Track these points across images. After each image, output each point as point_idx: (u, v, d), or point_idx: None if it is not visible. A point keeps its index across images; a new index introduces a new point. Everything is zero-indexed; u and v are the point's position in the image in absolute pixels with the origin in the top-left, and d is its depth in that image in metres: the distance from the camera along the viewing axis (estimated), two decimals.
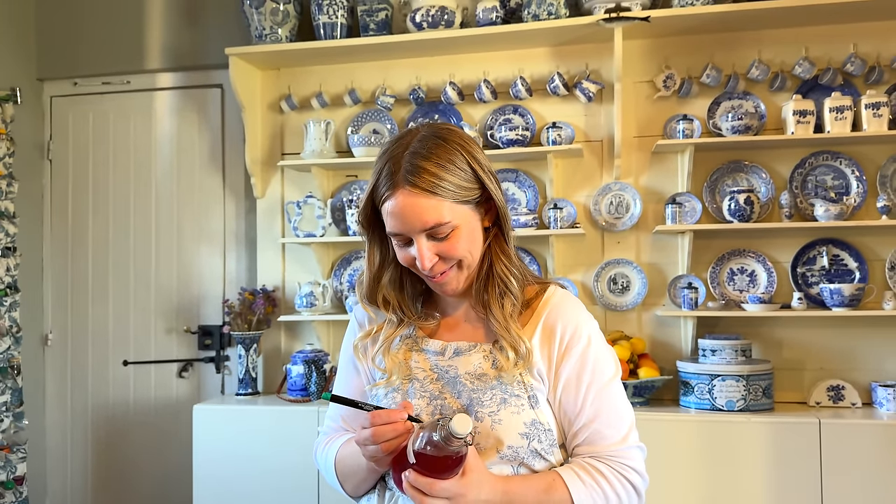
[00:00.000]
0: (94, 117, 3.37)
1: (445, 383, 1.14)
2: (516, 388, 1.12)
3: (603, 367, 1.15)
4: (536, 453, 1.11)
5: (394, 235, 1.14)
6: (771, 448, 2.40)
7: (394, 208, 1.10)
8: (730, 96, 2.78)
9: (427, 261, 1.11)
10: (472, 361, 1.15)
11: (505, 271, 1.16)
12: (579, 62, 2.88)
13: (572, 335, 1.15)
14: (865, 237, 2.69)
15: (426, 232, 1.10)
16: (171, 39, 3.28)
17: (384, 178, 1.12)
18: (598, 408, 1.13)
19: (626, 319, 2.84)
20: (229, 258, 3.25)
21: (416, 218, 1.09)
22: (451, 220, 1.10)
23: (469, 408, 1.11)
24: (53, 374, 3.36)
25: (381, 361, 1.19)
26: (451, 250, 1.12)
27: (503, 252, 1.17)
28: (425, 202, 1.09)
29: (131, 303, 3.30)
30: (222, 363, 3.23)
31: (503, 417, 1.09)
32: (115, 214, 3.33)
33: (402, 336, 1.21)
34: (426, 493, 1.00)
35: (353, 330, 1.29)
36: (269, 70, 3.14)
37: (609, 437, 1.12)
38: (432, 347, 1.18)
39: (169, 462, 3.19)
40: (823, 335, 2.70)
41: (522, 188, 2.92)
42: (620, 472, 1.12)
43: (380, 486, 1.17)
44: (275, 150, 3.14)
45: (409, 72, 3.01)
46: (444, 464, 1.00)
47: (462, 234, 1.12)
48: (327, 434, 1.30)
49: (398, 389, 1.16)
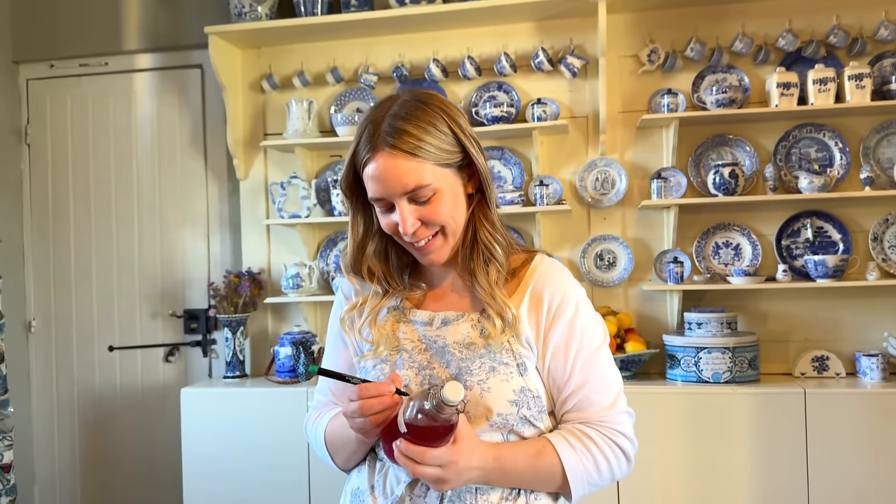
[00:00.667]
0: (72, 100, 3.31)
1: (434, 353, 1.14)
2: (505, 356, 1.12)
3: (591, 334, 1.15)
4: (526, 420, 1.11)
5: (375, 201, 1.12)
6: (757, 419, 2.43)
7: (374, 171, 1.09)
8: (714, 70, 2.77)
9: (409, 225, 1.09)
10: (459, 331, 1.14)
11: (489, 238, 1.15)
12: (563, 37, 2.86)
13: (560, 303, 1.14)
14: (849, 209, 2.71)
15: (407, 195, 1.09)
16: (150, 19, 3.22)
17: (364, 141, 1.11)
18: (587, 374, 1.13)
19: (612, 295, 2.85)
20: (213, 241, 3.22)
21: (397, 181, 1.08)
22: (433, 182, 1.09)
23: (458, 377, 1.10)
24: (38, 360, 3.33)
25: (367, 333, 1.18)
26: (433, 215, 1.11)
27: (487, 219, 1.17)
28: (406, 164, 1.08)
29: (115, 288, 3.27)
30: (209, 347, 3.22)
31: (492, 385, 1.09)
32: (96, 198, 3.29)
33: (389, 307, 1.20)
34: (418, 462, 1.00)
35: (339, 303, 1.27)
36: (250, 49, 3.10)
37: (598, 403, 1.13)
38: (420, 318, 1.18)
39: (157, 447, 3.18)
40: (808, 307, 2.72)
41: (508, 165, 2.91)
42: (610, 438, 1.12)
43: (370, 457, 1.17)
44: (257, 131, 3.11)
45: (392, 49, 2.98)
46: (436, 432, 1.00)
47: (444, 198, 1.11)
48: (317, 408, 1.29)
49: (386, 361, 1.16)
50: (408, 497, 1.09)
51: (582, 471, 1.10)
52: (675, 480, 2.46)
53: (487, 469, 1.06)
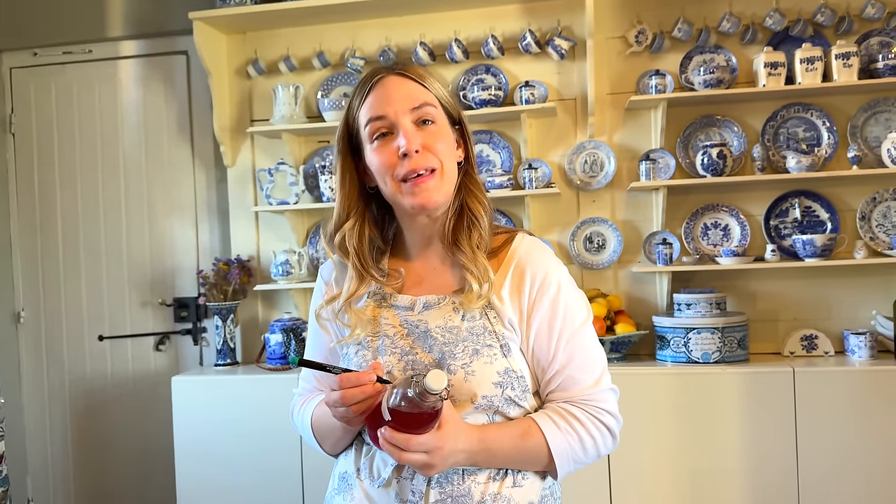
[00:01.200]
0: (57, 88, 3.28)
1: (416, 338, 1.13)
2: (488, 338, 1.11)
3: (574, 312, 1.14)
4: (511, 401, 1.11)
5: (375, 121, 1.11)
6: (746, 398, 2.44)
7: (380, 91, 1.12)
8: (701, 50, 2.77)
9: (412, 141, 1.09)
10: (442, 314, 1.13)
11: (476, 205, 1.16)
12: (551, 19, 2.85)
13: (542, 282, 1.14)
14: (837, 188, 2.71)
15: (413, 113, 1.10)
16: (134, 6, 3.19)
17: (365, 80, 1.14)
18: (571, 353, 1.12)
19: (602, 277, 2.86)
20: (202, 229, 3.21)
21: (406, 94, 1.11)
22: (437, 108, 1.13)
23: (441, 361, 1.10)
24: (28, 351, 3.31)
25: (345, 317, 1.17)
26: (434, 142, 1.11)
27: (475, 185, 1.18)
28: (414, 85, 1.12)
29: (104, 277, 3.26)
30: (199, 335, 3.21)
31: (476, 369, 1.09)
32: (83, 187, 3.26)
33: (369, 293, 1.19)
34: (403, 449, 0.99)
35: (319, 289, 1.26)
36: (235, 34, 3.07)
37: (582, 382, 1.12)
38: (401, 303, 1.17)
39: (149, 435, 3.17)
40: (796, 286, 2.73)
41: (496, 149, 2.90)
42: (595, 416, 1.12)
43: (357, 441, 1.16)
44: (244, 117, 3.08)
45: (378, 32, 2.96)
46: (420, 419, 0.99)
47: (444, 133, 1.14)
48: (302, 395, 1.29)
49: (368, 347, 1.14)
50: (395, 480, 1.08)
51: (567, 450, 1.10)
52: (666, 460, 2.48)
53: (473, 451, 1.06)
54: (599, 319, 2.65)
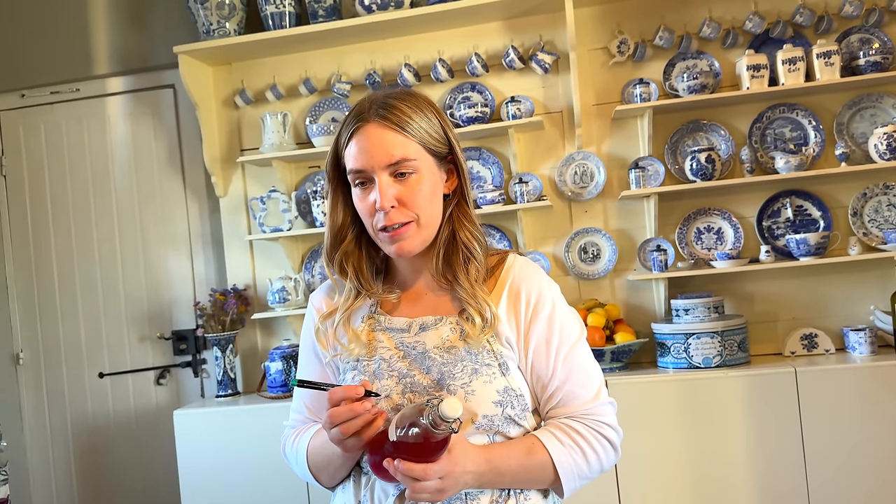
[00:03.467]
0: (46, 128, 3.29)
1: (413, 360, 1.13)
2: (486, 357, 1.11)
3: (569, 329, 1.16)
4: (510, 420, 1.11)
5: (356, 174, 1.12)
6: (750, 400, 2.44)
7: (360, 141, 1.10)
8: (684, 56, 2.79)
9: (386, 200, 1.08)
10: (439, 335, 1.13)
11: (469, 237, 1.16)
12: (533, 34, 2.87)
13: (537, 301, 1.15)
14: (827, 185, 2.73)
15: (390, 168, 1.09)
16: (118, 43, 3.21)
17: (352, 118, 1.13)
18: (569, 369, 1.14)
19: (599, 287, 2.86)
20: (197, 260, 3.21)
21: (383, 150, 1.09)
22: (417, 160, 1.11)
23: (440, 381, 1.10)
24: (29, 392, 3.30)
25: (342, 334, 1.17)
26: (411, 196, 1.10)
27: (466, 218, 1.17)
28: (394, 136, 1.09)
29: (102, 313, 3.25)
30: (199, 366, 3.20)
31: (476, 388, 1.09)
32: (76, 225, 3.27)
33: (363, 316, 1.19)
34: (419, 479, 0.98)
35: (311, 317, 1.26)
36: (221, 65, 3.09)
37: (582, 397, 1.14)
38: (397, 325, 1.17)
39: (154, 471, 3.15)
40: (793, 285, 2.74)
41: (486, 165, 2.91)
42: (596, 429, 1.13)
43: (354, 472, 1.16)
44: (233, 147, 3.10)
45: (363, 56, 2.98)
46: (431, 447, 0.98)
47: (424, 183, 1.12)
48: (294, 427, 1.27)
49: (364, 371, 1.14)
50: None
51: (572, 465, 1.11)
52: (673, 468, 2.47)
53: (481, 472, 1.06)
54: (599, 329, 2.64)
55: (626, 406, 2.43)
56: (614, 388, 2.49)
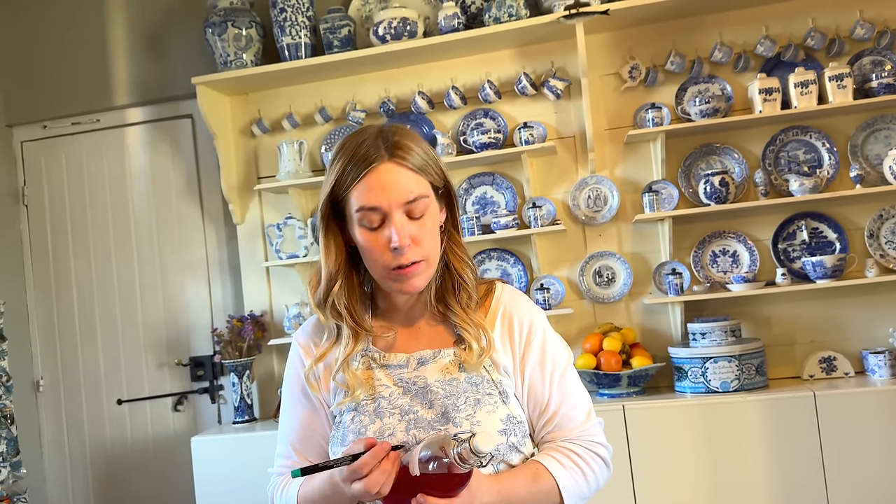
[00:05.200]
0: (67, 158, 3.36)
1: (414, 395, 1.12)
2: (487, 387, 1.13)
3: (559, 355, 1.20)
4: (514, 448, 1.13)
5: (368, 211, 1.09)
6: (769, 425, 2.41)
7: (375, 181, 1.08)
8: (696, 81, 2.80)
9: (404, 237, 1.08)
10: (439, 367, 1.14)
11: (461, 266, 1.18)
12: (545, 61, 2.90)
13: (530, 328, 1.18)
14: (842, 207, 2.72)
15: (406, 206, 1.09)
16: (138, 74, 3.28)
17: (358, 160, 1.09)
18: (563, 393, 1.17)
19: (614, 311, 2.85)
20: (214, 287, 3.24)
21: (401, 188, 1.08)
22: (428, 196, 1.12)
23: (445, 414, 1.10)
24: (48, 419, 3.33)
25: (341, 378, 1.15)
26: (423, 234, 1.11)
27: (458, 246, 1.19)
28: (408, 174, 1.09)
29: (120, 341, 3.29)
30: (217, 393, 3.22)
31: (481, 418, 1.10)
32: (96, 254, 3.32)
33: (359, 355, 1.17)
34: None
35: (298, 357, 1.22)
36: (238, 95, 3.14)
37: (576, 419, 1.18)
38: (395, 361, 1.16)
39: (172, 496, 3.16)
40: (811, 308, 2.72)
41: (500, 190, 2.93)
42: (591, 449, 1.17)
43: None
44: (250, 175, 3.14)
45: (377, 85, 3.02)
46: (453, 481, 0.98)
47: (430, 218, 1.12)
48: (281, 475, 1.22)
49: (364, 411, 1.12)
50: None
51: (574, 487, 1.14)
52: (692, 493, 2.44)
53: (493, 502, 1.06)
54: (615, 354, 2.64)
55: (644, 431, 2.44)
56: (632, 413, 2.48)
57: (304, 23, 2.92)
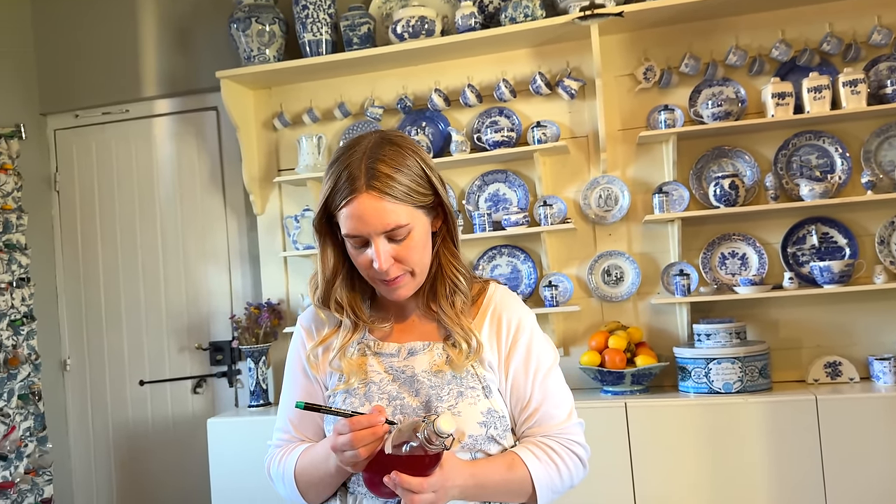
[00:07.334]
0: (97, 147, 3.48)
1: (402, 383, 1.20)
2: (471, 381, 1.19)
3: (544, 356, 1.25)
4: (492, 439, 1.18)
5: (351, 237, 1.16)
6: (769, 427, 2.44)
7: (355, 211, 1.12)
8: (710, 84, 2.82)
9: (384, 262, 1.14)
10: (427, 360, 1.21)
11: (454, 272, 1.23)
12: (560, 61, 2.94)
13: (517, 328, 1.23)
14: (853, 213, 2.72)
15: (386, 234, 1.14)
16: (166, 67, 3.38)
17: (343, 184, 1.13)
18: (545, 392, 1.22)
19: (622, 309, 2.89)
20: (234, 275, 3.34)
21: (378, 220, 1.12)
22: (409, 222, 1.15)
23: (428, 404, 1.17)
24: (74, 397, 3.47)
25: (337, 365, 1.23)
26: (407, 255, 1.16)
27: (452, 254, 1.24)
28: (387, 205, 1.13)
29: (144, 324, 3.41)
30: (234, 377, 3.32)
31: (462, 409, 1.16)
32: (122, 240, 3.44)
33: (356, 342, 1.25)
34: (416, 492, 1.04)
35: (300, 338, 1.30)
36: (261, 89, 3.23)
37: (556, 417, 1.23)
38: (387, 350, 1.23)
39: (189, 475, 3.28)
40: (818, 313, 2.73)
41: (512, 188, 2.98)
42: (568, 447, 1.22)
43: (340, 491, 1.22)
44: (271, 167, 3.23)
45: (395, 82, 3.08)
46: (426, 461, 1.05)
47: (417, 238, 1.17)
48: (279, 446, 1.30)
49: (355, 393, 1.20)
50: None
51: (547, 479, 1.19)
52: (691, 491, 2.48)
53: (467, 486, 1.12)
54: (619, 352, 2.68)
55: (645, 428, 2.48)
56: (633, 411, 2.52)
57: (325, 20, 3.00)
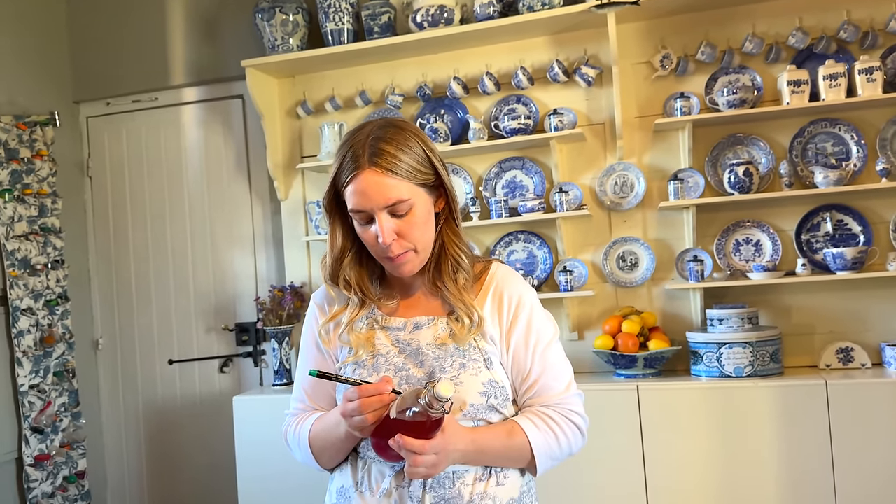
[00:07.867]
0: (128, 134, 3.60)
1: (408, 355, 1.27)
2: (473, 353, 1.26)
3: (545, 330, 1.31)
4: (493, 408, 1.26)
5: (356, 212, 1.22)
6: (779, 411, 2.48)
7: (358, 186, 1.20)
8: (726, 71, 2.84)
9: (387, 236, 1.21)
10: (431, 333, 1.28)
11: (457, 250, 1.30)
12: (577, 48, 2.98)
13: (518, 304, 1.30)
14: (868, 200, 2.73)
15: (388, 208, 1.21)
16: (193, 56, 3.48)
17: (348, 162, 1.22)
18: (544, 365, 1.29)
19: (636, 295, 2.94)
20: (259, 258, 3.44)
21: (380, 194, 1.19)
22: (410, 198, 1.22)
23: (432, 374, 1.25)
24: (106, 375, 3.61)
25: (346, 338, 1.31)
26: (408, 230, 1.23)
27: (454, 233, 1.31)
28: (388, 180, 1.20)
29: (173, 306, 3.53)
30: (259, 357, 3.44)
31: (464, 380, 1.24)
32: (152, 224, 3.56)
33: (365, 317, 1.32)
34: (418, 453, 1.12)
35: (313, 314, 1.39)
36: (285, 78, 3.31)
37: (555, 388, 1.29)
38: (394, 324, 1.31)
39: (215, 451, 3.41)
40: (831, 299, 2.75)
41: (529, 174, 3.04)
42: (566, 417, 1.29)
43: (351, 457, 1.30)
44: (294, 154, 3.32)
45: (415, 70, 3.14)
46: (427, 426, 1.12)
47: (418, 214, 1.23)
48: (295, 415, 1.39)
49: (364, 365, 1.28)
50: (394, 489, 1.22)
51: (545, 447, 1.26)
52: (701, 474, 2.53)
53: (468, 451, 1.20)
54: (633, 336, 2.73)
55: (656, 410, 2.54)
56: (645, 393, 2.58)
57: (347, 9, 3.06)
